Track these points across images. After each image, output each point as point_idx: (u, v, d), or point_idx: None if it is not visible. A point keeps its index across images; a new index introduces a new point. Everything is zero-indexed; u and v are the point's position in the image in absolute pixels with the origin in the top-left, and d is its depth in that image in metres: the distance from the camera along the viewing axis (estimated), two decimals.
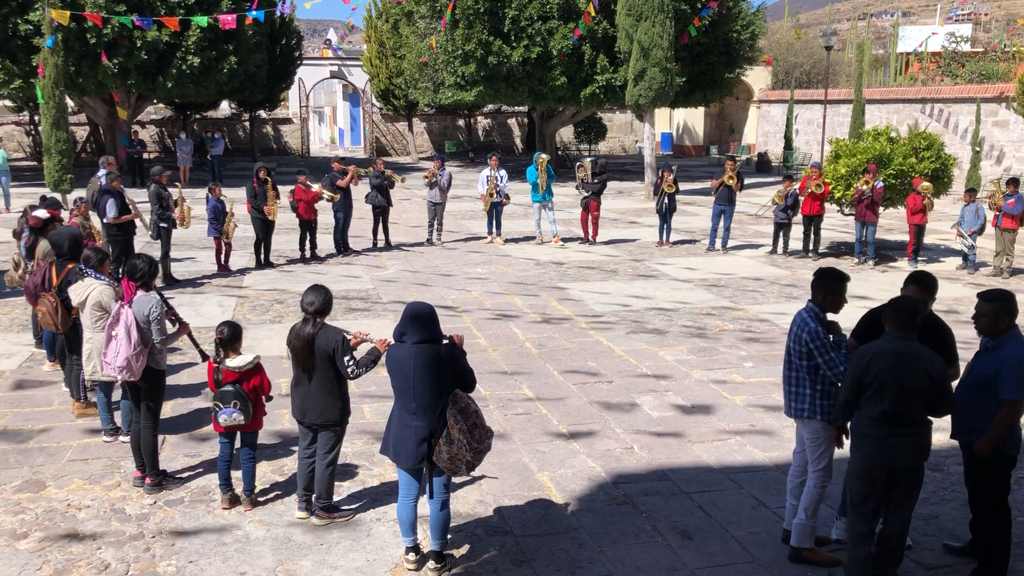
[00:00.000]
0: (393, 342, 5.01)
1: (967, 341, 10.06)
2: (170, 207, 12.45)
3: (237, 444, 5.91)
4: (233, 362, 5.72)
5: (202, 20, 20.41)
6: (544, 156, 16.30)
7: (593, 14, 23.16)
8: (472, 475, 5.97)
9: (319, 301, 5.44)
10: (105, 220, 12.03)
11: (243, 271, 13.68)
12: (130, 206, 12.22)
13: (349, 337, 5.52)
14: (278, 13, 24.03)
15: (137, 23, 19.54)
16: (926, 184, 14.22)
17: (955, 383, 4.93)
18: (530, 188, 16.45)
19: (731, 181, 15.34)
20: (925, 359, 4.52)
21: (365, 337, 5.62)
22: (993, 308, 4.78)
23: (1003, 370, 4.66)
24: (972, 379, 4.87)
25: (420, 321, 4.82)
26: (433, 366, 4.78)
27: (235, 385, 5.68)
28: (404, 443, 4.88)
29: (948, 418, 4.44)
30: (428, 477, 4.96)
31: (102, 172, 13.44)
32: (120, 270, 9.87)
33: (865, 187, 14.12)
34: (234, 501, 5.82)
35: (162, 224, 12.41)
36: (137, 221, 12.60)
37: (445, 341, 4.92)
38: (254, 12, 20.16)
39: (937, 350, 4.79)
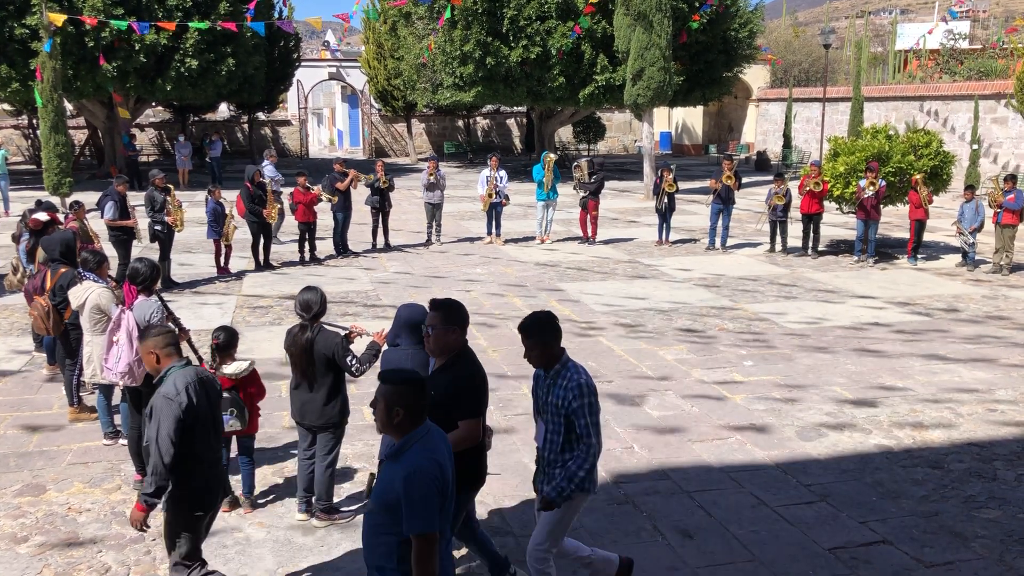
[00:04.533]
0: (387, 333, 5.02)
1: (968, 338, 10.09)
2: (164, 210, 12.39)
3: (233, 449, 5.91)
4: (229, 369, 5.71)
5: (202, 25, 20.36)
6: (552, 155, 16.40)
7: (591, 3, 23.12)
8: None
9: (315, 305, 5.43)
10: (103, 220, 12.05)
11: (242, 273, 13.69)
12: (131, 212, 12.22)
13: (345, 333, 5.53)
14: (279, 24, 23.96)
15: (134, 27, 19.47)
16: (919, 179, 14.18)
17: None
18: (535, 186, 16.53)
19: (729, 181, 15.36)
20: None
21: (362, 331, 5.64)
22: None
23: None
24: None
25: (414, 324, 4.81)
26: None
27: (232, 392, 5.68)
28: None
29: (942, 417, 4.44)
30: None
31: (266, 163, 13.33)
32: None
33: (871, 188, 14.08)
34: (234, 504, 5.83)
35: (156, 227, 12.38)
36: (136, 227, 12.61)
37: None
38: (252, 23, 20.11)
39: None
